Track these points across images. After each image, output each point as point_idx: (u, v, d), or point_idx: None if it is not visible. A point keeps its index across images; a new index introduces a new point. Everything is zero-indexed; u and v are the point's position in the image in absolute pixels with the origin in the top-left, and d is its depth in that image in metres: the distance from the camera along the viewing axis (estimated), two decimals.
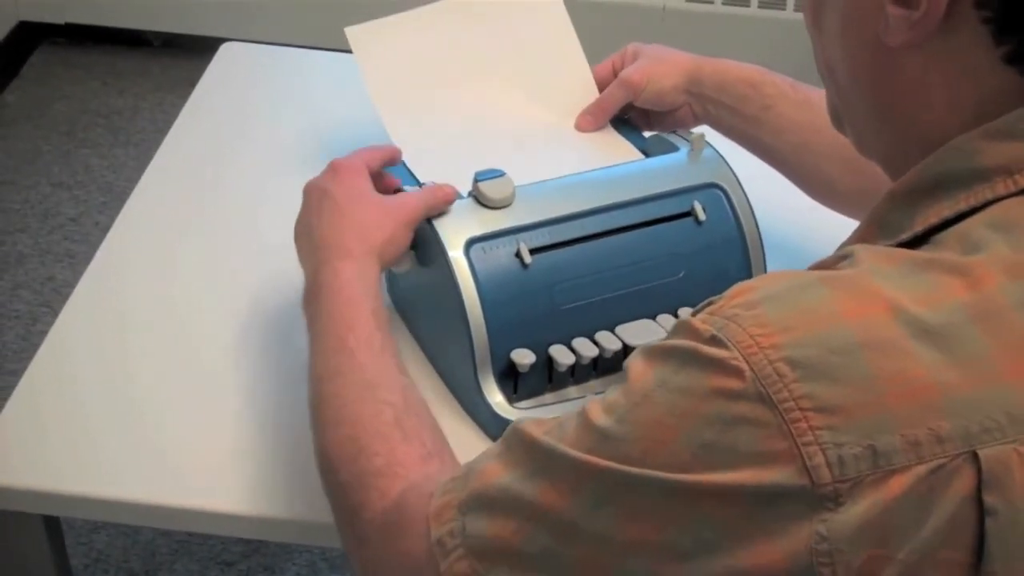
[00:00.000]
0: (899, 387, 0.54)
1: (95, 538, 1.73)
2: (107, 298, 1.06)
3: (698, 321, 0.59)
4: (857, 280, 0.58)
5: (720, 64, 1.06)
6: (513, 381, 0.93)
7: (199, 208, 1.19)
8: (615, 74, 1.09)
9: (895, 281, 0.57)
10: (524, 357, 0.91)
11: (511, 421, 0.89)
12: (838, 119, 0.72)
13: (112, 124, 2.63)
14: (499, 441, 0.66)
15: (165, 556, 1.71)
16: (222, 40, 1.51)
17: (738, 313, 0.57)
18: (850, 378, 0.54)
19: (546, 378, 0.94)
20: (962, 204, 0.60)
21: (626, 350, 0.94)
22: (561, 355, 0.92)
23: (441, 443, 0.76)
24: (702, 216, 0.98)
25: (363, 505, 0.72)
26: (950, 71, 0.61)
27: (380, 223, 0.88)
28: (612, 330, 0.94)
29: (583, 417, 0.61)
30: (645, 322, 0.95)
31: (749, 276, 0.98)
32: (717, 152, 1.03)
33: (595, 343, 0.93)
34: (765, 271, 1.00)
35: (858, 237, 0.65)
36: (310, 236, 0.88)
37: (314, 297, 0.84)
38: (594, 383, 0.96)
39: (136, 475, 0.89)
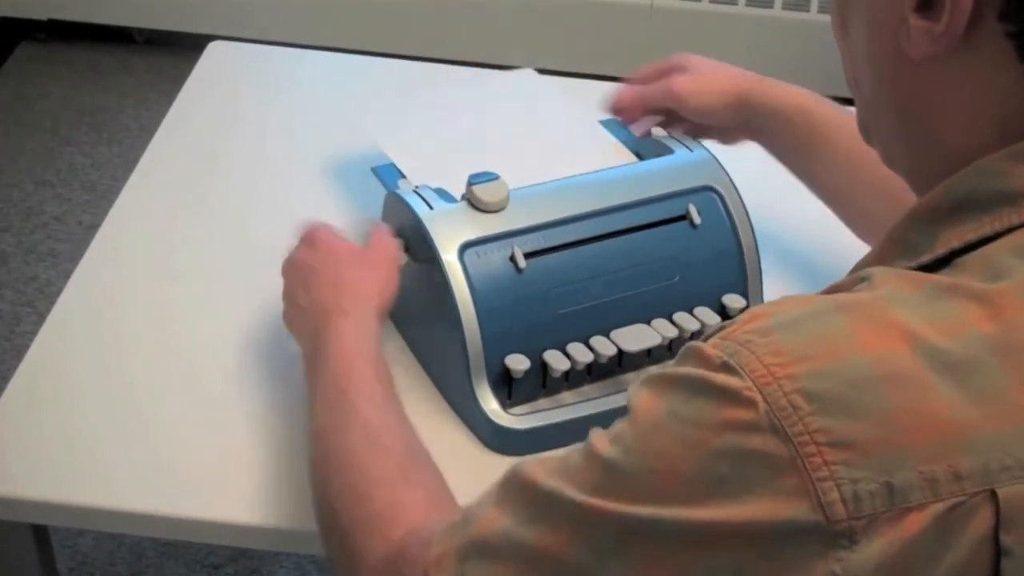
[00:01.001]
0: (917, 422, 0.53)
1: (80, 541, 1.72)
2: (97, 301, 1.05)
3: (709, 347, 0.57)
4: (875, 308, 0.56)
5: (771, 87, 1.03)
6: (507, 387, 0.92)
7: (189, 209, 1.18)
8: (658, 77, 1.07)
9: (915, 308, 0.56)
10: (519, 363, 0.90)
11: (505, 427, 0.91)
12: (866, 131, 0.70)
13: (95, 122, 2.61)
14: (498, 485, 0.64)
15: (151, 559, 1.70)
16: (206, 37, 1.50)
17: (751, 339, 0.56)
18: (867, 412, 0.53)
19: (540, 383, 0.94)
20: (987, 228, 0.59)
21: (621, 355, 0.94)
22: (556, 360, 0.92)
23: (444, 491, 0.75)
24: (697, 219, 0.97)
25: (364, 551, 0.71)
26: (972, 87, 0.60)
27: (367, 275, 0.88)
28: (607, 335, 0.93)
29: (588, 450, 0.60)
30: (640, 327, 0.94)
31: (744, 281, 0.99)
32: (712, 155, 1.02)
33: (590, 348, 0.93)
34: (760, 276, 1.00)
35: (877, 256, 0.64)
36: (302, 310, 0.88)
37: (314, 361, 0.84)
38: (589, 388, 0.96)
39: (128, 483, 0.88)
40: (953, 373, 0.54)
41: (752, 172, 1.06)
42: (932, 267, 0.60)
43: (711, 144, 1.04)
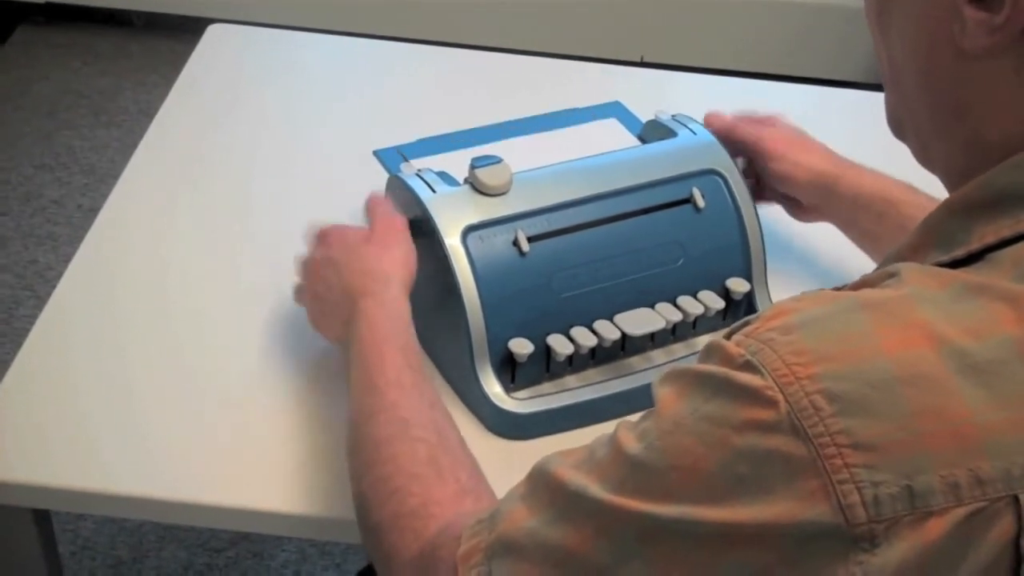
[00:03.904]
0: (939, 425, 0.52)
1: (81, 525, 1.72)
2: (97, 285, 1.04)
3: (731, 344, 0.56)
4: (901, 307, 0.55)
5: (860, 176, 1.01)
6: (511, 371, 0.92)
7: (189, 193, 1.17)
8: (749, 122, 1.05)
9: (941, 308, 0.54)
10: (522, 347, 0.90)
11: (509, 411, 0.91)
12: (899, 126, 0.68)
13: (94, 105, 2.60)
14: (525, 480, 0.65)
15: (152, 543, 1.70)
16: (205, 20, 1.49)
17: (774, 338, 0.55)
18: (889, 414, 0.52)
19: (544, 368, 0.93)
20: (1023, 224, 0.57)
21: (624, 339, 0.93)
22: (559, 344, 0.91)
23: (477, 478, 0.75)
24: (701, 203, 0.97)
25: (397, 549, 0.71)
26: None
27: (383, 254, 0.88)
28: (611, 319, 0.93)
29: (614, 444, 0.59)
30: (644, 311, 0.94)
31: (748, 264, 0.98)
32: (715, 138, 1.01)
33: (593, 332, 0.92)
34: (765, 259, 0.99)
35: (910, 247, 0.62)
36: (330, 304, 0.88)
37: (348, 350, 0.84)
38: (592, 372, 0.95)
39: (127, 468, 0.87)
40: (978, 376, 0.53)
41: None
42: (965, 261, 0.58)
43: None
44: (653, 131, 1.05)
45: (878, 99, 0.71)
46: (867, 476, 0.52)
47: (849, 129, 1.27)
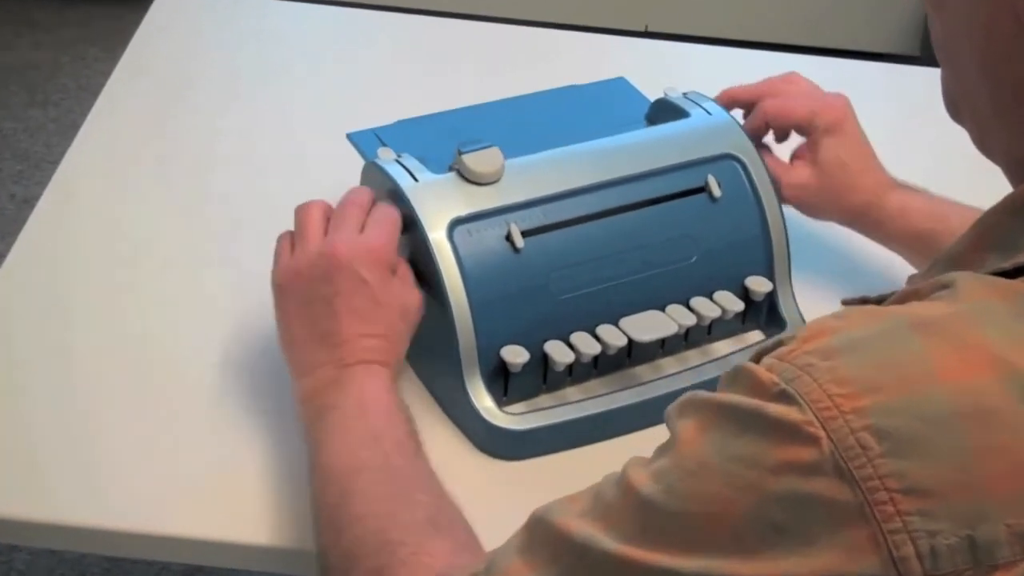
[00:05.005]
0: (1004, 466, 0.51)
1: (15, 556, 1.72)
2: (35, 287, 1.04)
3: (763, 370, 0.55)
4: (958, 327, 0.54)
5: (907, 196, 1.02)
6: (503, 382, 0.92)
7: (140, 181, 1.17)
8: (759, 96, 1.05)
9: (1005, 328, 0.54)
10: (516, 355, 0.90)
11: (501, 428, 0.91)
12: (955, 108, 0.68)
13: (28, 81, 2.60)
14: (522, 530, 0.64)
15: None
16: None
17: (813, 363, 0.54)
18: (947, 454, 0.51)
19: (541, 378, 0.94)
20: None
21: (631, 345, 0.93)
22: (558, 352, 0.91)
23: (474, 540, 0.75)
24: (717, 192, 0.97)
25: None
26: None
27: (387, 294, 0.86)
28: (615, 323, 0.93)
29: (624, 485, 0.58)
30: (653, 313, 0.94)
31: (770, 261, 0.99)
32: (733, 118, 1.02)
33: (596, 338, 0.92)
34: (788, 255, 0.99)
35: (964, 250, 0.62)
36: (311, 335, 0.85)
37: (329, 398, 0.83)
38: (595, 383, 0.95)
39: (71, 495, 0.87)
40: None
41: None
42: None
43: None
44: (661, 111, 1.05)
45: (915, 74, 0.71)
46: (922, 525, 0.51)
47: (882, 109, 1.27)
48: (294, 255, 0.88)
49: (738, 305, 0.96)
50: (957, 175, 1.21)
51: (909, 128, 1.26)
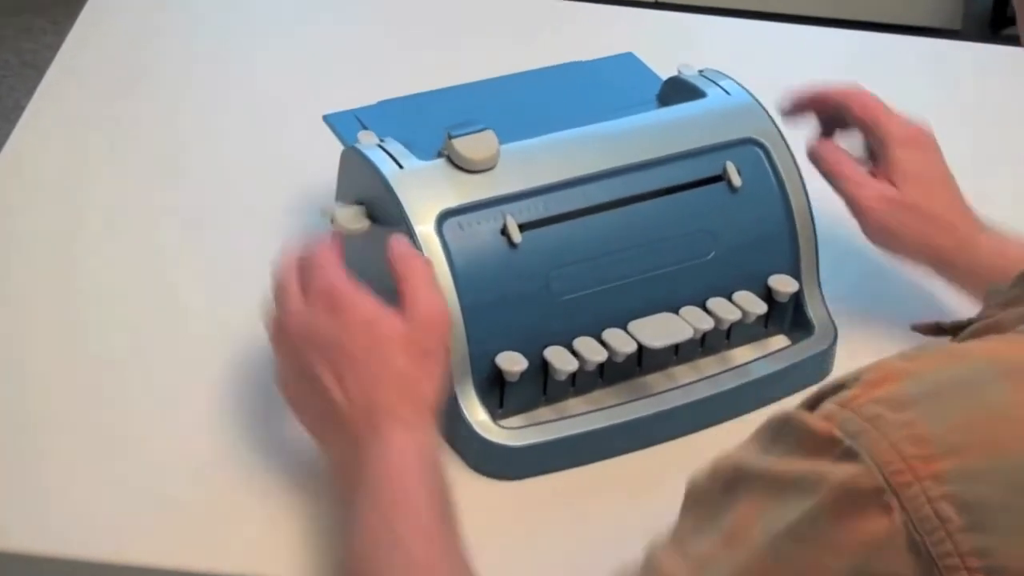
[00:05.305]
0: None
1: None
2: None
3: (819, 420, 0.54)
4: None
5: (1000, 237, 0.98)
6: (499, 393, 0.92)
7: (92, 168, 1.16)
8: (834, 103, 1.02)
9: None
10: (513, 363, 0.90)
11: (496, 444, 0.91)
12: None
13: None
14: None
15: None
16: None
17: (882, 414, 0.53)
18: None
19: (541, 389, 0.94)
20: None
21: (641, 352, 0.93)
22: (560, 359, 0.91)
23: None
24: (737, 180, 0.97)
25: None
26: None
27: (424, 364, 0.82)
28: (624, 327, 0.93)
29: None
30: (665, 316, 0.94)
31: (796, 257, 0.99)
32: (755, 98, 1.02)
33: (602, 344, 0.92)
34: (816, 251, 1.00)
35: None
36: (332, 406, 0.81)
37: (353, 476, 0.79)
38: (601, 394, 0.96)
39: (15, 520, 0.87)
40: None
41: (805, 119, 1.06)
42: None
43: (755, 83, 1.03)
44: (674, 90, 1.05)
45: (956, 50, 0.71)
46: None
47: (918, 90, 1.27)
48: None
49: (760, 307, 0.96)
50: (1001, 161, 1.21)
51: (949, 111, 1.26)
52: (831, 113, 1.03)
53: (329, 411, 0.81)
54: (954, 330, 0.62)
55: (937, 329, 0.64)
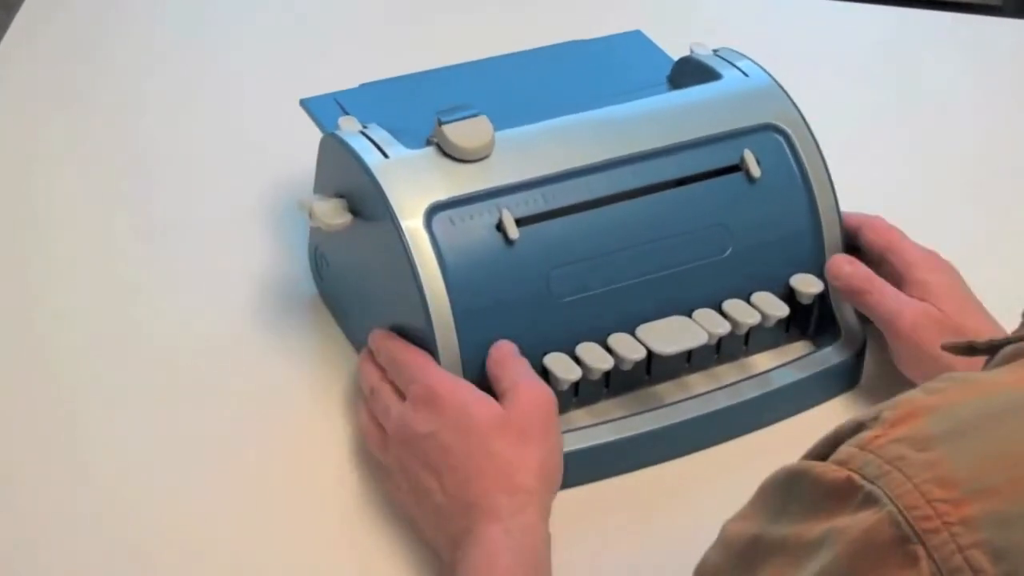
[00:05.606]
0: None
1: None
2: None
3: (833, 468, 0.53)
4: None
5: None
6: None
7: (49, 158, 1.17)
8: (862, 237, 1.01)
9: None
10: None
11: None
12: None
13: None
14: None
15: None
16: None
17: (905, 455, 0.52)
18: None
19: None
20: None
21: (650, 359, 0.93)
22: (561, 367, 0.91)
23: None
24: (756, 171, 0.97)
25: None
26: None
27: (524, 454, 0.85)
28: (631, 332, 0.93)
29: None
30: (677, 320, 0.94)
31: (820, 256, 0.99)
32: (775, 80, 1.02)
33: (608, 350, 0.92)
34: (843, 248, 1.00)
35: None
36: (433, 505, 0.85)
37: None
38: (606, 405, 0.96)
39: None
40: None
41: (831, 105, 1.06)
42: None
43: (773, 63, 1.03)
44: (687, 72, 1.05)
45: (996, 26, 0.71)
46: None
47: (956, 69, 1.28)
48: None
49: (782, 309, 0.96)
50: None
51: (988, 92, 1.26)
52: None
53: (432, 510, 0.86)
54: (989, 350, 0.62)
55: (970, 349, 0.64)
